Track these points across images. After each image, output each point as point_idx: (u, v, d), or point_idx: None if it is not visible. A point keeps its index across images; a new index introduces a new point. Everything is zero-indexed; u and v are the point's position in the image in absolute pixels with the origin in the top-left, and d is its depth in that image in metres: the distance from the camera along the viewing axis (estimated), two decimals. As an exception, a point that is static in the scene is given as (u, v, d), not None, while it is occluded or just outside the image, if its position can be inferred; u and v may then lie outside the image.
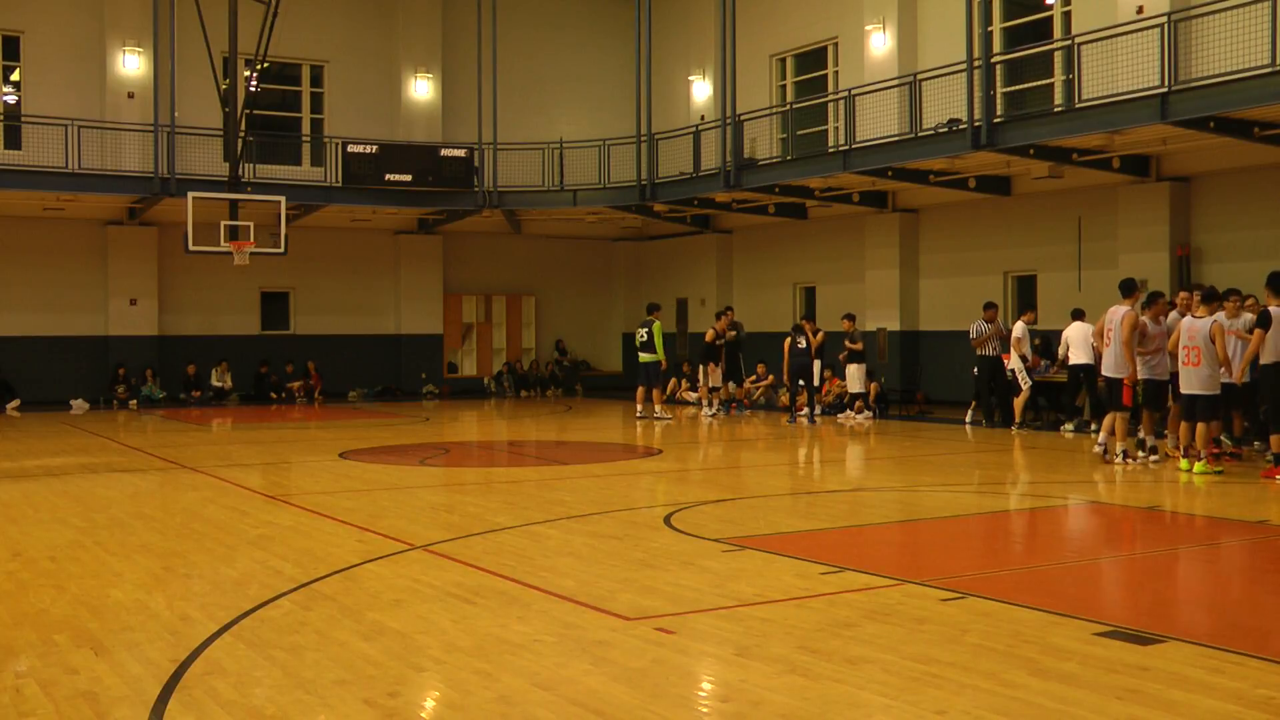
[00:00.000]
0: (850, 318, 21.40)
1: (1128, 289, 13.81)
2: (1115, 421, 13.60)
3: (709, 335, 22.18)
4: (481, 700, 5.06)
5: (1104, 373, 13.91)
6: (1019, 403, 18.39)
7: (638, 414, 21.45)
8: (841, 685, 5.21)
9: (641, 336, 21.60)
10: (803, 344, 20.64)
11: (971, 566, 8.10)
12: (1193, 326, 12.91)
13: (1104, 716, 4.76)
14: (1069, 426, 17.73)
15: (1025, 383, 18.37)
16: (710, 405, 21.99)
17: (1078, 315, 17.57)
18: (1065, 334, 17.40)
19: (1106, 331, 13.77)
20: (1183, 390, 13.08)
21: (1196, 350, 12.82)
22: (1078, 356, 17.01)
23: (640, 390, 21.63)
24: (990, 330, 18.92)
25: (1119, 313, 13.51)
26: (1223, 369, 12.90)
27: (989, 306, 19.35)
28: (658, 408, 21.32)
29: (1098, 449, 14.02)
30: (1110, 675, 5.28)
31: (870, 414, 20.96)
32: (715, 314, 24.13)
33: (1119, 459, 13.51)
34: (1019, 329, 18.49)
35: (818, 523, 10.11)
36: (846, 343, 21.01)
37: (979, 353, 19.16)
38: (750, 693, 5.14)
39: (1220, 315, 13.05)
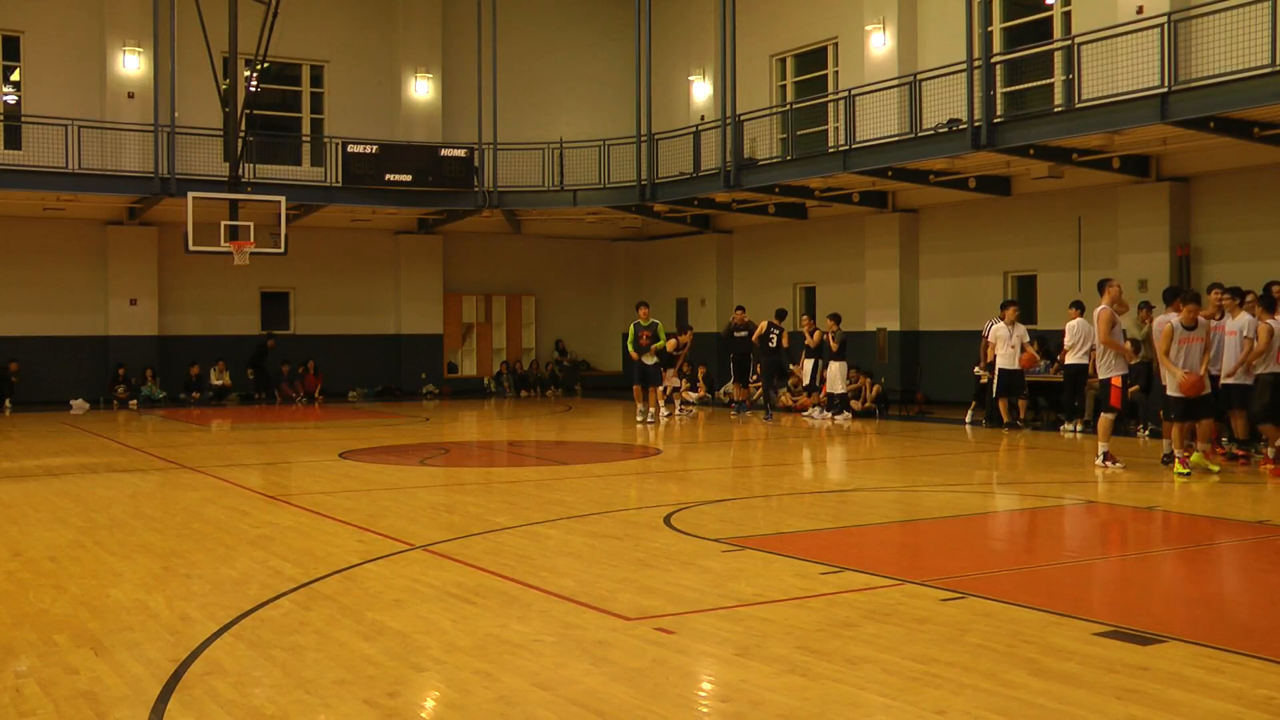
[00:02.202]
0: (834, 318, 21.27)
1: (1100, 287, 13.82)
2: (1100, 422, 13.55)
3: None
4: (481, 700, 5.06)
5: (1099, 375, 13.94)
6: (1003, 404, 18.36)
7: (650, 416, 21.28)
8: (841, 685, 5.21)
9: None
10: (773, 342, 20.61)
11: (971, 566, 8.09)
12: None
13: (1104, 716, 4.76)
14: (1069, 427, 17.70)
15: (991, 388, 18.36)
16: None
17: (1078, 307, 16.93)
18: (1066, 328, 16.90)
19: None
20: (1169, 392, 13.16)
21: None
22: (1074, 356, 16.72)
23: (650, 392, 21.43)
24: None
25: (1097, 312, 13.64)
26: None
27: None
28: (640, 406, 21.06)
29: (1099, 461, 13.49)
30: (1110, 675, 5.28)
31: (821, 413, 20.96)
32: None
33: (1099, 460, 13.25)
34: (998, 329, 18.29)
35: (817, 523, 10.11)
36: (829, 338, 20.94)
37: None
38: (750, 693, 5.13)
39: (1173, 316, 12.91)
